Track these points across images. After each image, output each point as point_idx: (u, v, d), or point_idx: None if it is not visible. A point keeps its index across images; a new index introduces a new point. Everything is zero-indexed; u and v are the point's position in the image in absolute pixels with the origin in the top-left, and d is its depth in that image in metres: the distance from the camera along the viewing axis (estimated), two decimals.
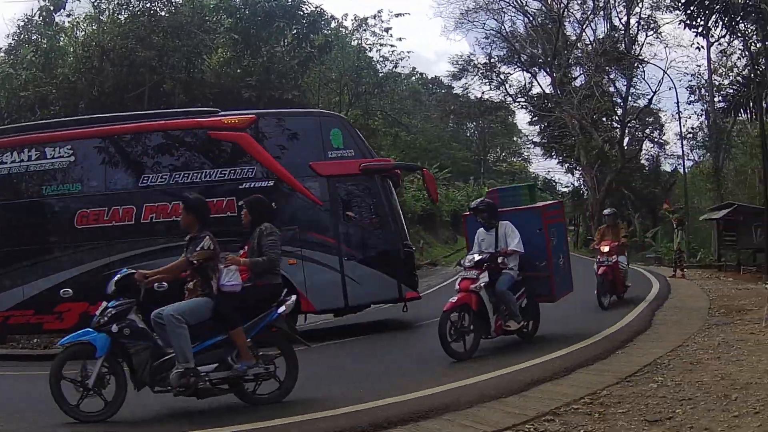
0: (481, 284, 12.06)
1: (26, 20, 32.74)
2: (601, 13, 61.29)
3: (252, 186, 16.72)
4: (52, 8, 31.00)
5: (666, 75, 78.31)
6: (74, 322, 15.19)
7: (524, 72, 69.82)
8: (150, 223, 16.78)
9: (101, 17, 31.68)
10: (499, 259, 12.61)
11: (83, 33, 33.58)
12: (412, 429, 7.66)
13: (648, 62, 60.03)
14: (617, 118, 64.23)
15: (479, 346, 12.20)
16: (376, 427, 7.65)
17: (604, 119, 65.93)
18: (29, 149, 16.90)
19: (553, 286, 13.39)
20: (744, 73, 39.79)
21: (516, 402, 8.62)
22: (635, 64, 59.93)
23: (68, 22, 33.79)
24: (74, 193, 16.90)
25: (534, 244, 13.07)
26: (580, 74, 67.00)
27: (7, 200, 16.88)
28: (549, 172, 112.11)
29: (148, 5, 30.75)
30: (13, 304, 16.29)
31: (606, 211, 21.29)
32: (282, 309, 9.18)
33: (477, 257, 12.42)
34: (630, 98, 63.98)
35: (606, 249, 18.31)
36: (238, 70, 33.83)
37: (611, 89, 64.00)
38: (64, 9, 32.03)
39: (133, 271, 9.04)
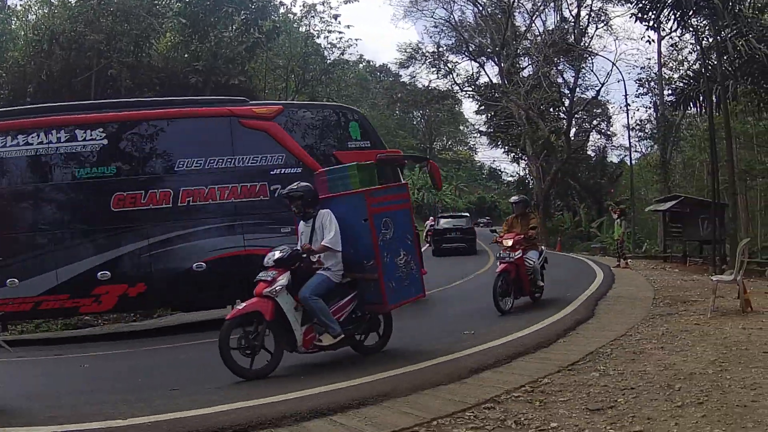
0: (277, 288, 10.06)
1: None
2: (552, 4, 61.50)
3: (281, 172, 17.76)
4: None
5: (615, 67, 79.06)
6: (113, 304, 16.44)
7: (472, 61, 70.01)
8: (187, 207, 17.18)
9: (52, 0, 31.17)
10: (315, 257, 10.63)
11: (34, 16, 33.03)
12: (353, 416, 7.52)
13: (597, 54, 60.63)
14: (564, 108, 64.63)
15: (280, 361, 10.23)
16: (317, 412, 7.53)
17: (551, 110, 66.39)
18: (59, 131, 16.66)
19: (383, 290, 10.63)
20: (695, 67, 40.11)
21: (456, 389, 8.51)
22: (584, 56, 60.28)
23: (20, 5, 33.38)
24: (109, 176, 16.88)
25: (362, 238, 10.83)
26: (528, 65, 67.41)
27: (38, 182, 16.74)
28: (495, 161, 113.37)
29: None
30: (46, 288, 16.11)
31: (513, 198, 17.98)
32: None
33: (278, 254, 10.44)
34: (578, 90, 64.46)
35: (509, 243, 16.01)
36: (186, 55, 33.41)
37: (559, 80, 64.41)
38: None
39: None
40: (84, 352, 14.69)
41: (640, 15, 28.00)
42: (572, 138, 64.64)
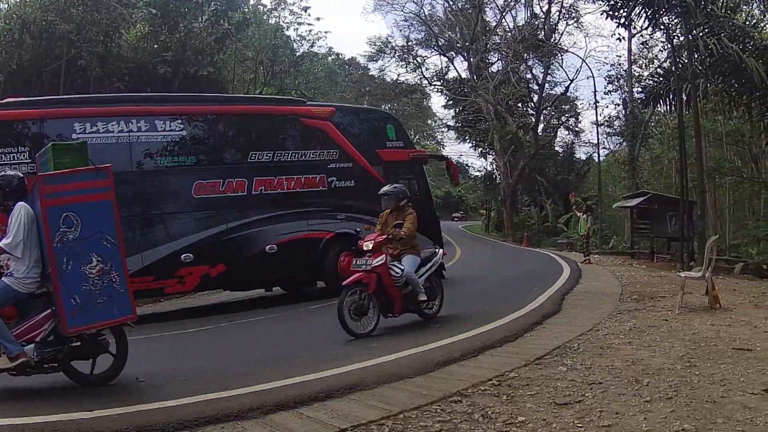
0: None
1: None
2: (523, 0, 61.68)
3: (336, 166, 20.55)
4: None
5: (585, 64, 79.38)
6: (195, 285, 18.31)
7: (441, 56, 70.42)
8: (260, 195, 19.16)
9: None
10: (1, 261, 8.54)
11: (6, 5, 32.69)
12: (319, 408, 7.45)
13: (567, 51, 60.88)
14: (533, 104, 65.00)
15: None
16: (283, 405, 7.46)
17: (519, 105, 66.77)
18: (138, 120, 17.80)
19: (61, 307, 8.34)
20: (665, 65, 40.23)
21: (423, 383, 8.45)
22: (554, 52, 60.48)
23: None
24: (190, 165, 18.48)
25: (44, 238, 8.54)
26: (498, 60, 67.77)
27: (120, 169, 16.46)
28: (462, 156, 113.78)
29: None
30: (132, 271, 15.83)
31: (384, 189, 13.93)
32: None
33: None
34: (547, 85, 64.84)
35: (369, 245, 12.78)
36: (155, 46, 33.13)
37: (528, 76, 64.74)
38: None
39: None
40: None
41: (611, 12, 27.97)
42: (540, 134, 65.01)
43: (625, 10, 27.55)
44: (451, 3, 66.08)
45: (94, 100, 19.04)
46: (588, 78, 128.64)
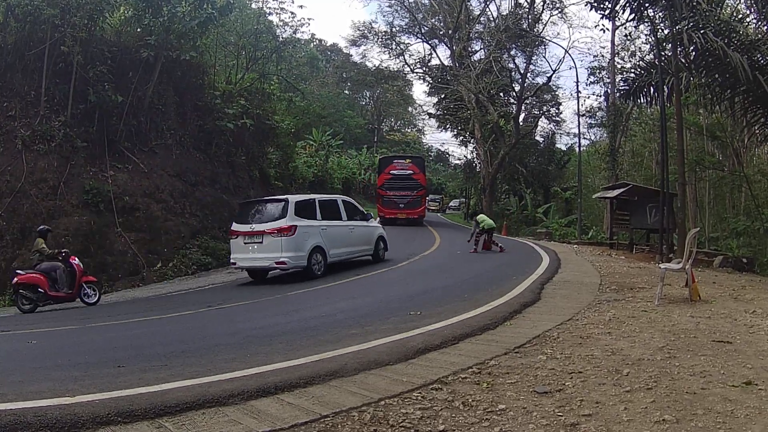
0: None
1: None
2: None
3: None
4: None
5: (567, 54, 79.61)
6: None
7: (424, 43, 70.24)
8: None
9: None
10: None
11: None
12: (300, 395, 7.42)
13: (550, 41, 60.89)
14: (515, 94, 64.90)
15: None
16: (264, 391, 7.44)
17: (501, 94, 66.76)
18: None
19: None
20: (648, 57, 40.30)
21: (403, 369, 8.42)
22: (537, 42, 60.51)
23: None
24: None
25: None
26: (481, 49, 67.72)
27: None
28: (444, 144, 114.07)
29: None
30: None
31: None
32: None
33: None
34: (529, 75, 64.81)
35: None
36: (138, 29, 32.86)
37: (510, 65, 64.64)
38: None
39: None
40: (31, 329, 14.61)
41: (595, 4, 27.93)
42: (521, 123, 65.04)
43: (610, 1, 27.54)
44: None
45: None
46: (570, 69, 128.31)
